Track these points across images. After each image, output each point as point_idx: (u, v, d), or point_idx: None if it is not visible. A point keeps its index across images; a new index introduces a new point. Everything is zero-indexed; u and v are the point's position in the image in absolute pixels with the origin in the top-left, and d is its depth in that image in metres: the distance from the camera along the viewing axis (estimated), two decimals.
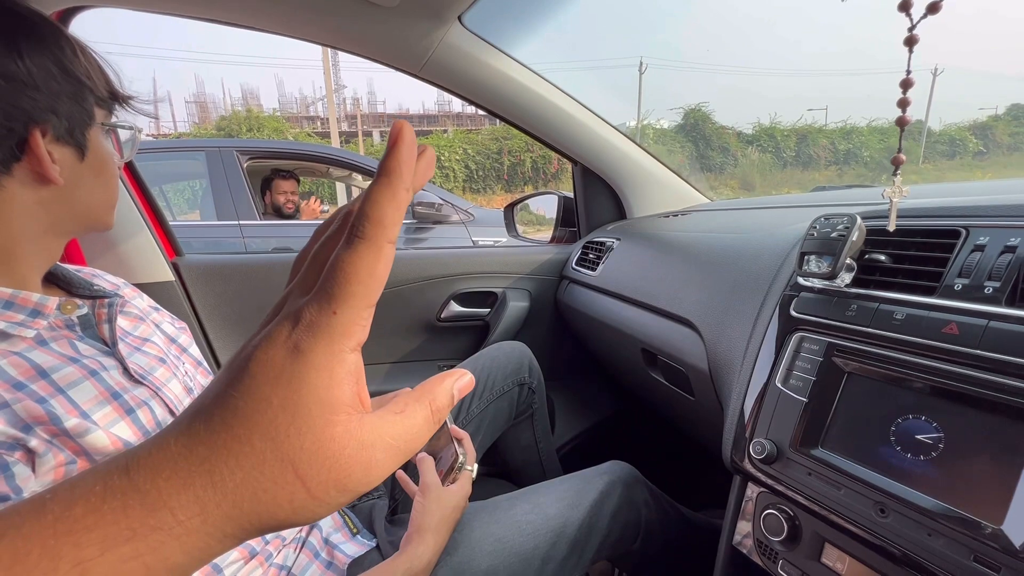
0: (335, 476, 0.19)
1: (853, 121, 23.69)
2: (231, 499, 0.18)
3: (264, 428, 0.18)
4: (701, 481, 1.14)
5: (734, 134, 21.44)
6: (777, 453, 0.49)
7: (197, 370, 0.65)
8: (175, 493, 0.18)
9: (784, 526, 0.48)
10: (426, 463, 0.67)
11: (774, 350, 0.54)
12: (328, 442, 0.19)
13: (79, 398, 0.44)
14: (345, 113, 24.83)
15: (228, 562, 0.54)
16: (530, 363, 0.96)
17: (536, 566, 0.63)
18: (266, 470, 0.18)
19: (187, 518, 0.18)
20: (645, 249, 0.95)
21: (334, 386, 0.19)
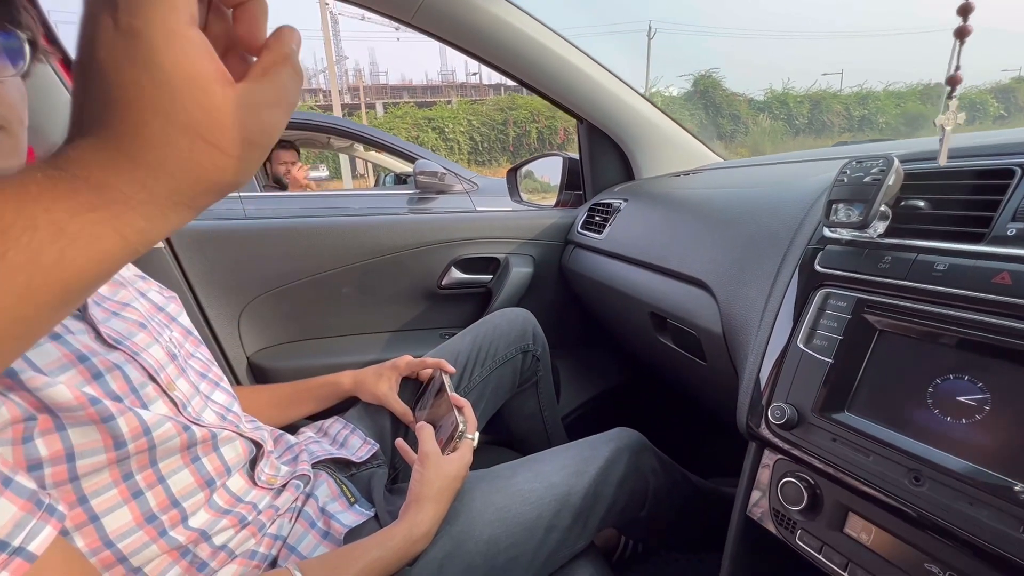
0: (237, 133, 0.22)
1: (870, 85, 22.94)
2: (162, 173, 0.21)
3: (152, 108, 0.20)
4: (710, 449, 1.12)
5: (745, 101, 20.85)
6: (798, 418, 0.45)
7: (187, 339, 0.62)
8: (111, 177, 0.21)
9: (804, 495, 0.45)
10: (425, 431, 0.64)
11: (795, 309, 0.50)
12: (216, 110, 0.21)
13: (40, 361, 0.42)
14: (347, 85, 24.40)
15: (217, 530, 0.52)
16: (534, 330, 0.93)
17: (539, 535, 0.61)
18: (177, 143, 0.21)
19: (133, 192, 0.21)
20: (654, 209, 0.90)
21: (191, 64, 0.21)
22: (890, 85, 22.16)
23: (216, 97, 0.21)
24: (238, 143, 0.22)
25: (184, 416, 0.51)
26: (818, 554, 0.44)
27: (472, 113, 17.61)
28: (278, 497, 0.60)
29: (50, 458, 0.41)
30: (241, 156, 0.22)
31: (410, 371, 0.83)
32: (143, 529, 0.47)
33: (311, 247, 1.05)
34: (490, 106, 18.42)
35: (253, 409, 0.73)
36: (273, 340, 1.08)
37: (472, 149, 17.25)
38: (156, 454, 0.48)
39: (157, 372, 0.51)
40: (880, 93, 21.58)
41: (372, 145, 3.24)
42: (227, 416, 0.59)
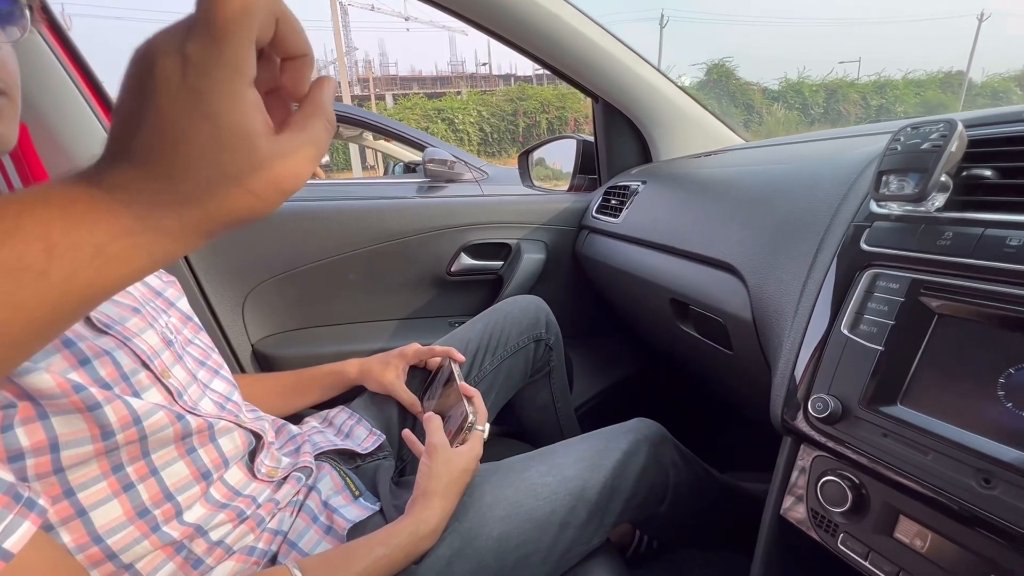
0: (272, 182, 0.24)
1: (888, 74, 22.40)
2: (199, 209, 0.23)
3: (204, 156, 0.22)
4: (728, 442, 1.08)
5: (759, 90, 20.48)
6: (842, 411, 0.41)
7: (186, 325, 0.59)
8: (154, 208, 0.23)
9: (848, 495, 0.41)
10: (433, 422, 0.61)
11: (838, 292, 0.45)
12: (259, 162, 0.23)
13: None
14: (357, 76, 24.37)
15: (213, 524, 0.49)
16: (547, 318, 0.89)
17: (553, 532, 0.57)
18: (219, 187, 0.23)
19: (170, 223, 0.23)
20: (675, 190, 0.85)
21: (247, 122, 0.22)
22: (909, 73, 21.60)
23: (262, 150, 0.23)
24: (272, 190, 0.24)
25: (179, 405, 0.49)
26: (864, 560, 0.40)
27: (482, 104, 17.49)
28: (279, 490, 0.57)
29: (32, 448, 0.38)
30: (271, 200, 0.24)
31: (418, 359, 0.80)
32: (134, 524, 0.44)
33: (317, 231, 1.01)
34: (500, 97, 18.29)
35: (256, 398, 0.71)
36: (278, 327, 1.05)
37: (482, 140, 17.16)
38: (148, 445, 0.45)
39: (151, 359, 0.48)
40: (899, 81, 21.07)
41: (382, 133, 3.20)
42: (226, 405, 0.56)
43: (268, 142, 0.23)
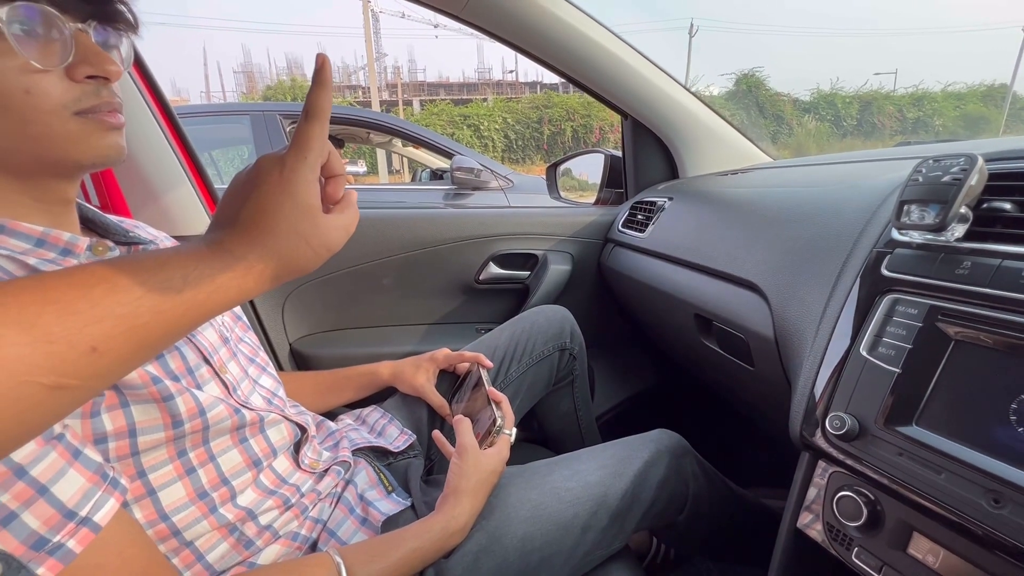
0: (325, 242, 0.37)
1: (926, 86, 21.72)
2: (277, 258, 0.34)
3: (287, 220, 0.35)
4: (749, 457, 1.08)
5: (790, 101, 20.07)
6: (859, 429, 0.43)
7: (236, 324, 0.64)
8: (248, 254, 0.34)
9: (863, 510, 0.43)
10: (463, 425, 0.64)
11: (858, 315, 0.47)
12: (317, 227, 0.36)
13: None
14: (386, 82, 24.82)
15: (263, 509, 0.53)
16: (572, 328, 0.92)
17: (575, 535, 0.60)
18: (293, 242, 0.35)
19: (257, 266, 0.34)
20: (701, 208, 0.87)
21: (312, 199, 0.36)
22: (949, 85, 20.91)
23: (320, 219, 0.36)
24: (324, 248, 0.37)
25: (234, 399, 0.53)
26: (877, 574, 0.42)
27: (507, 111, 17.60)
28: (320, 481, 0.61)
29: (114, 432, 0.43)
30: (321, 256, 0.37)
31: (448, 364, 0.83)
32: (195, 504, 0.48)
33: (354, 238, 1.05)
34: (526, 104, 18.37)
35: (295, 394, 0.75)
36: (315, 328, 1.11)
37: (507, 147, 17.26)
38: (209, 434, 0.49)
39: (211, 354, 0.52)
40: (937, 94, 20.41)
41: (411, 140, 3.28)
42: (273, 400, 0.60)
43: (324, 216, 0.37)
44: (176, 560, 0.48)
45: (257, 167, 0.35)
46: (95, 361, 0.28)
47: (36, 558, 0.33)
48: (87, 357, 0.27)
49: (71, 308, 0.27)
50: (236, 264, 0.33)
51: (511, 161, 16.43)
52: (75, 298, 0.27)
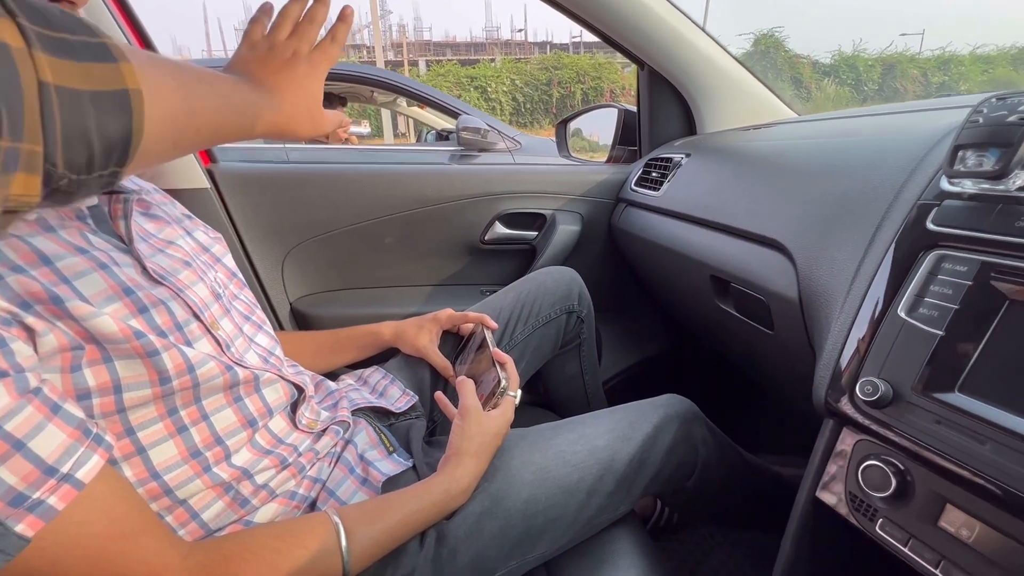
0: (320, 124, 0.49)
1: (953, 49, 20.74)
2: (284, 116, 0.46)
3: (303, 100, 0.48)
4: (759, 423, 1.07)
5: (809, 63, 19.29)
6: (892, 395, 0.40)
7: (231, 281, 0.61)
8: (269, 106, 0.45)
9: (891, 481, 0.40)
10: (466, 386, 0.62)
11: (897, 273, 0.43)
12: (312, 113, 0.49)
13: (86, 290, 0.41)
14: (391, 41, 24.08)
15: (259, 469, 0.52)
16: (580, 290, 0.88)
17: (580, 499, 0.58)
18: (302, 111, 0.47)
19: (268, 116, 0.44)
20: (722, 163, 0.82)
21: (318, 96, 0.49)
22: (978, 48, 19.96)
23: (320, 108, 0.49)
24: (309, 123, 0.48)
25: (227, 356, 0.51)
26: (903, 547, 0.39)
27: (516, 72, 17.07)
28: (318, 441, 0.59)
29: (98, 388, 0.41)
30: (318, 123, 0.50)
31: (451, 324, 0.81)
32: (188, 464, 0.47)
33: (355, 194, 1.02)
34: (534, 65, 17.80)
35: (295, 354, 0.73)
36: (316, 287, 1.08)
37: (515, 110, 16.83)
38: (200, 391, 0.47)
39: (201, 310, 0.50)
40: (965, 57, 19.50)
41: (416, 100, 3.17)
42: (269, 359, 0.58)
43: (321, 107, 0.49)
44: (170, 518, 0.47)
45: (285, 53, 0.48)
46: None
47: (15, 515, 0.31)
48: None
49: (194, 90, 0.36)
50: (261, 100, 0.43)
51: (519, 124, 16.04)
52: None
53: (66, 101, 0.25)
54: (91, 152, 0.26)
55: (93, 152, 0.26)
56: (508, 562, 0.55)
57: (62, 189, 0.26)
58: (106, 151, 0.27)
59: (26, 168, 0.24)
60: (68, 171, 0.26)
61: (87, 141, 0.26)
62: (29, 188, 0.24)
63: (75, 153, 0.26)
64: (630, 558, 0.59)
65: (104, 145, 0.27)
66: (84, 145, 0.26)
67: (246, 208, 0.97)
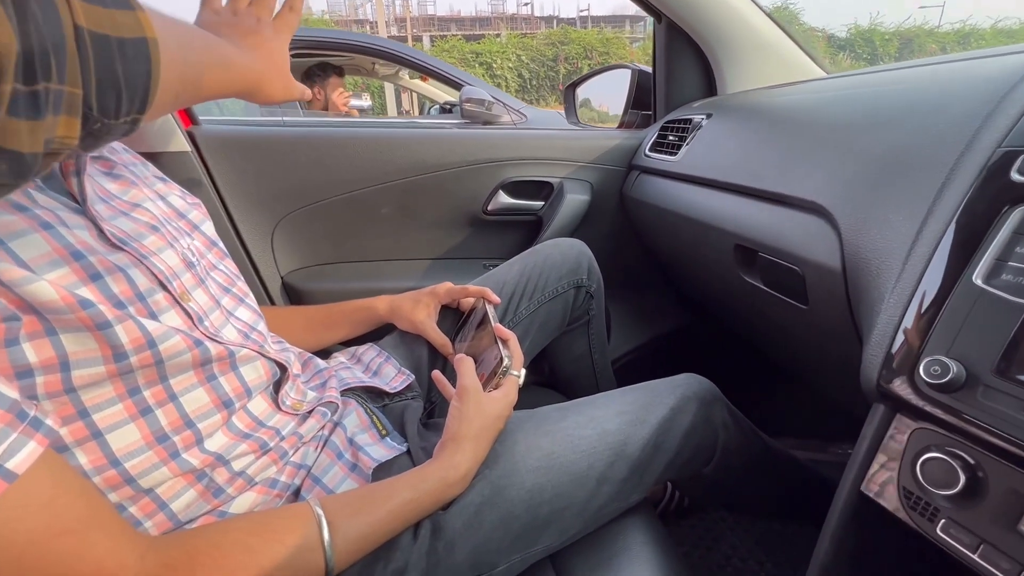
0: (286, 86, 0.51)
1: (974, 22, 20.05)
2: (259, 74, 0.48)
3: (275, 63, 0.49)
4: (776, 407, 1.01)
5: (824, 37, 18.75)
6: (966, 378, 0.34)
7: (210, 250, 0.55)
8: (244, 63, 0.46)
9: (959, 476, 0.34)
10: (465, 364, 0.56)
11: (972, 234, 0.37)
12: (284, 76, 0.50)
13: (24, 252, 0.35)
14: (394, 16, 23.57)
15: (235, 454, 0.47)
16: (589, 264, 0.82)
17: (590, 487, 0.53)
18: (276, 73, 0.49)
19: (249, 76, 0.47)
20: (748, 122, 0.74)
21: (286, 56, 0.51)
22: (999, 21, 19.29)
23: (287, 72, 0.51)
24: (281, 85, 0.50)
25: (200, 330, 0.45)
26: (972, 553, 0.34)
27: (522, 48, 16.69)
28: (303, 424, 0.54)
29: (41, 365, 0.35)
30: (280, 88, 0.50)
31: (450, 299, 0.75)
32: (153, 449, 0.42)
33: (348, 160, 0.96)
34: (541, 40, 17.39)
35: (285, 331, 0.68)
36: (308, 260, 1.02)
37: (520, 87, 16.51)
38: (165, 369, 0.42)
39: (169, 279, 0.44)
40: (986, 31, 18.87)
41: (419, 71, 3.05)
42: (250, 335, 0.53)
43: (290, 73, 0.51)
44: (134, 509, 0.42)
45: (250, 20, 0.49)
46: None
47: None
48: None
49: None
50: (238, 58, 0.44)
51: (525, 101, 15.73)
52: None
53: (98, 46, 0.26)
54: (119, 97, 0.27)
55: (121, 97, 0.28)
56: (510, 556, 0.51)
57: (93, 133, 0.27)
58: (130, 96, 0.28)
59: (68, 110, 0.25)
60: (102, 115, 0.27)
61: (116, 86, 0.27)
62: (71, 130, 0.26)
63: (106, 97, 0.27)
64: (644, 551, 0.54)
65: (129, 90, 0.28)
66: (114, 90, 0.27)
67: (231, 174, 0.91)
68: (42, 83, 0.23)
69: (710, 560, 0.89)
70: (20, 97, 0.23)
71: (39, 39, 0.22)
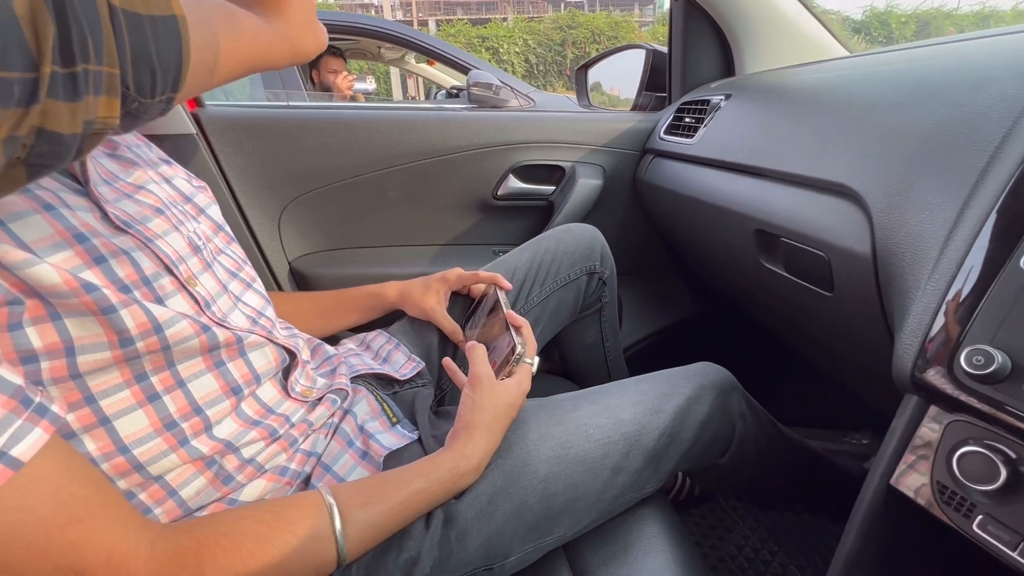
0: (316, 35, 0.46)
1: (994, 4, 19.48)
2: (289, 33, 0.43)
3: (296, 24, 0.44)
4: (789, 397, 0.99)
5: (839, 20, 18.31)
6: (1011, 368, 0.32)
7: (217, 234, 0.54)
8: (275, 28, 0.42)
9: (1000, 471, 0.32)
10: (477, 351, 0.55)
11: (1020, 216, 0.34)
12: (314, 26, 0.46)
13: (25, 234, 0.34)
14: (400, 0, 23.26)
15: (245, 441, 0.46)
16: (602, 250, 0.81)
17: (605, 477, 0.52)
18: (306, 29, 0.45)
19: (280, 41, 0.43)
20: (769, 102, 0.72)
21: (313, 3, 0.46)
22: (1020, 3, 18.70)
23: (312, 14, 0.46)
24: (313, 37, 0.46)
25: (207, 315, 0.44)
26: (1012, 552, 0.32)
27: (528, 32, 16.45)
28: (313, 411, 0.53)
29: (46, 350, 0.34)
30: (312, 41, 0.46)
31: (461, 285, 0.74)
32: (161, 436, 0.41)
33: (356, 143, 0.94)
34: (548, 24, 17.13)
35: (294, 317, 0.67)
36: (316, 246, 1.01)
37: (527, 72, 16.31)
38: (173, 355, 0.41)
39: (175, 263, 0.43)
40: (1007, 12, 18.34)
41: (426, 54, 3.00)
42: (259, 320, 0.51)
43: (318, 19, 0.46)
44: (143, 496, 0.42)
45: None
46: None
47: None
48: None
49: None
50: (268, 27, 0.41)
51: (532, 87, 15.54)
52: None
53: (132, 25, 0.25)
54: (154, 76, 0.27)
55: (155, 76, 0.28)
56: (523, 545, 0.50)
57: (132, 113, 0.28)
58: (164, 75, 0.28)
59: (107, 91, 0.25)
60: (138, 95, 0.27)
61: (150, 65, 0.27)
62: (111, 110, 0.26)
63: (142, 76, 0.27)
64: (658, 542, 0.53)
65: (163, 69, 0.28)
66: (148, 68, 0.27)
67: (237, 157, 0.89)
68: (80, 64, 0.23)
69: (721, 549, 0.89)
70: (59, 79, 0.23)
71: (76, 20, 0.22)
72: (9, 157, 0.23)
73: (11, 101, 0.21)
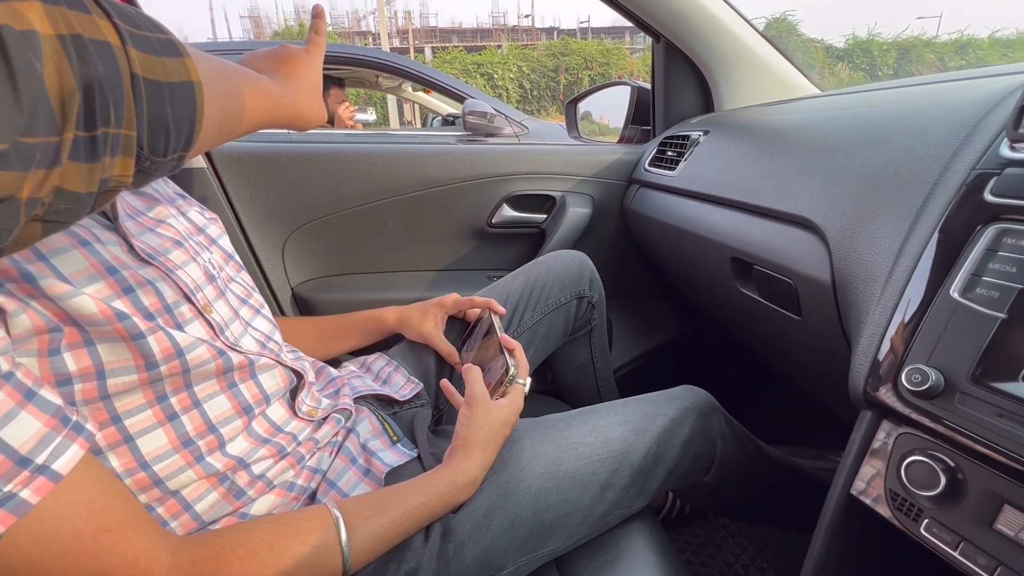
0: (320, 114, 0.51)
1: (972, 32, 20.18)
2: (297, 103, 0.48)
3: (308, 89, 0.50)
4: (774, 414, 1.03)
5: (822, 48, 18.89)
6: (944, 385, 0.36)
7: (228, 263, 0.58)
8: (282, 95, 0.47)
9: (940, 478, 0.36)
10: (473, 373, 0.59)
11: (950, 251, 0.39)
12: (319, 99, 0.51)
13: (65, 268, 0.38)
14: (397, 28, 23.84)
15: (255, 458, 0.49)
16: (591, 275, 0.85)
17: (594, 493, 0.55)
18: (311, 98, 0.50)
19: (286, 105, 0.47)
20: (743, 139, 0.77)
21: (320, 77, 0.52)
22: (997, 32, 19.41)
23: (319, 97, 0.51)
24: (318, 109, 0.50)
25: (221, 340, 0.48)
26: (953, 551, 0.36)
27: (522, 59, 16.85)
28: (318, 430, 0.56)
29: (79, 373, 0.38)
30: (317, 112, 0.50)
31: (457, 310, 0.78)
32: (179, 453, 0.44)
33: (357, 175, 0.99)
34: (541, 51, 17.56)
35: (297, 340, 0.70)
36: (318, 272, 1.05)
37: (521, 97, 16.64)
38: (191, 377, 0.44)
39: (193, 292, 0.47)
40: (984, 41, 18.98)
41: (422, 83, 3.10)
42: (267, 344, 0.55)
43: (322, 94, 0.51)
44: (161, 509, 0.44)
45: (286, 49, 0.51)
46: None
47: None
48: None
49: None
50: (277, 91, 0.45)
51: (525, 112, 15.77)
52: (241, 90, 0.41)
53: (151, 91, 0.27)
54: (168, 137, 0.29)
55: (169, 137, 0.30)
56: (517, 558, 0.52)
57: (144, 171, 0.29)
58: (177, 136, 0.30)
59: (123, 151, 0.27)
60: (151, 154, 0.29)
61: (165, 127, 0.29)
62: (126, 169, 0.27)
63: (157, 138, 0.29)
64: (645, 555, 0.56)
65: (176, 130, 0.30)
66: (163, 131, 0.29)
67: (244, 189, 0.94)
68: (101, 128, 0.24)
69: (711, 567, 0.91)
70: (80, 142, 0.24)
71: (100, 91, 0.24)
72: (29, 216, 0.24)
73: (34, 164, 0.22)
